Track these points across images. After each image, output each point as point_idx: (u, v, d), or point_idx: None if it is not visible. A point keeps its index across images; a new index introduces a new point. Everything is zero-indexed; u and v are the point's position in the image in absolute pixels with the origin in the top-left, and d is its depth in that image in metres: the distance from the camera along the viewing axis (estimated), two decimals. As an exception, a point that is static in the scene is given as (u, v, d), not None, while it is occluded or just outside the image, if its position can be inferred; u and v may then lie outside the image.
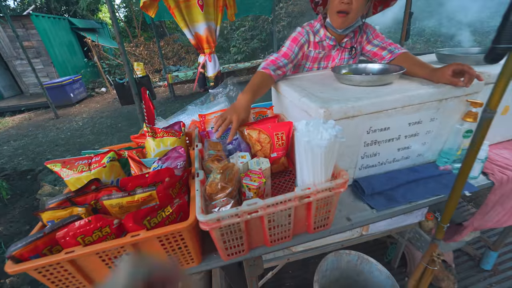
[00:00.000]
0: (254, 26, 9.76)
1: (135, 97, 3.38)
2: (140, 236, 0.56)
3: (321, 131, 0.59)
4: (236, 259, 0.73)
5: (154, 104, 1.77)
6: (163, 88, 8.46)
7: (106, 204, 0.62)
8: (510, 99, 1.04)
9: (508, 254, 1.62)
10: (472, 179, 0.99)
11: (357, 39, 1.22)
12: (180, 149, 0.80)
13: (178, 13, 1.29)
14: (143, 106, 1.75)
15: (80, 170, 0.73)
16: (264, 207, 0.61)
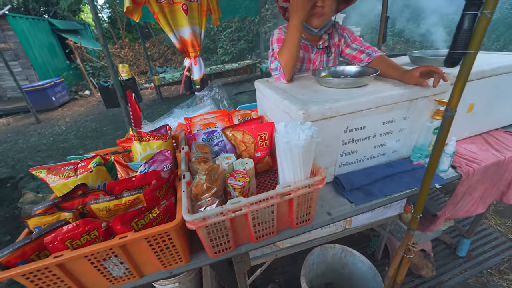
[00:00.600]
0: (241, 27, 9.79)
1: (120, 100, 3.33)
2: (128, 238, 0.58)
3: (298, 132, 0.63)
4: (223, 256, 0.76)
5: (140, 107, 1.77)
6: (149, 90, 8.32)
7: (94, 208, 0.63)
8: (474, 98, 1.13)
9: (479, 241, 1.74)
10: (442, 172, 1.07)
11: (335, 42, 1.28)
12: (167, 152, 0.82)
13: (162, 17, 1.30)
14: (129, 109, 1.75)
15: (66, 175, 0.73)
16: (247, 205, 0.65)
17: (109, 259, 0.61)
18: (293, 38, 1.04)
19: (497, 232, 1.79)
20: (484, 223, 1.87)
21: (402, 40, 6.90)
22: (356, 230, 1.34)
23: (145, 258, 0.67)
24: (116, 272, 0.65)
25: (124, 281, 0.69)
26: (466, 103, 1.14)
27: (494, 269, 1.56)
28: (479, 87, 1.10)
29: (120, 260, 0.63)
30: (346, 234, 1.34)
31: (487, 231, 1.81)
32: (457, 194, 1.13)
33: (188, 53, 1.48)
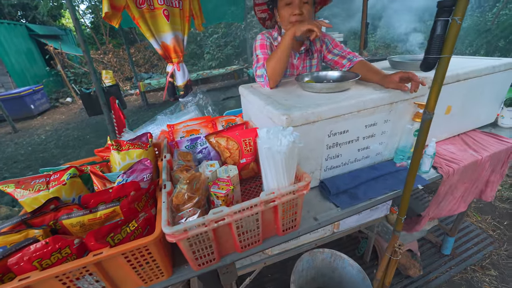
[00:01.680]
0: (228, 33, 9.85)
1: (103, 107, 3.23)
2: (103, 254, 0.55)
3: (280, 138, 0.63)
4: (207, 268, 0.73)
5: (125, 114, 1.72)
6: (135, 96, 8.15)
7: (66, 223, 0.59)
8: (451, 100, 1.18)
9: (462, 238, 1.79)
10: (424, 173, 1.09)
11: (317, 47, 1.31)
12: (146, 161, 0.79)
13: (143, 23, 1.27)
14: (113, 116, 1.69)
15: (37, 189, 0.69)
16: (230, 214, 0.63)
17: (83, 278, 0.57)
18: (283, 51, 1.05)
19: (478, 229, 1.85)
20: (466, 220, 1.94)
21: (384, 45, 7.18)
22: (344, 233, 1.34)
23: (123, 274, 0.63)
24: (92, 291, 0.61)
25: (101, 301, 0.64)
26: (444, 106, 1.18)
27: (477, 265, 1.61)
28: (455, 90, 1.14)
29: (95, 278, 0.59)
30: (335, 238, 1.34)
31: (469, 228, 1.87)
32: (440, 194, 1.16)
33: (170, 58, 1.45)
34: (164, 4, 1.29)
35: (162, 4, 1.29)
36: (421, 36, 6.37)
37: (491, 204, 2.06)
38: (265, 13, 1.26)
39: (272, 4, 1.20)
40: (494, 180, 1.31)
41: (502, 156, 1.25)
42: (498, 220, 1.91)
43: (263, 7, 1.23)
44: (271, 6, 1.23)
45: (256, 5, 1.21)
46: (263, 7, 1.23)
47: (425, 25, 6.87)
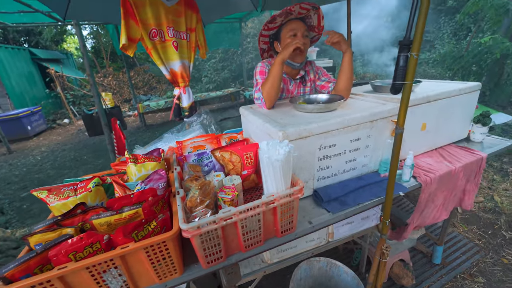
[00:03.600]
0: (225, 58, 10.37)
1: (104, 127, 3.36)
2: (129, 247, 0.64)
3: (278, 149, 0.76)
4: (215, 266, 0.82)
5: (124, 134, 1.84)
6: (132, 117, 8.32)
7: (96, 223, 0.69)
8: (425, 118, 1.35)
9: (451, 248, 1.88)
10: (405, 182, 1.22)
11: (310, 77, 1.51)
12: (161, 171, 0.90)
13: (155, 53, 1.45)
14: (113, 136, 1.80)
15: (66, 196, 0.78)
16: (237, 213, 0.74)
17: (109, 271, 0.66)
18: (275, 71, 1.23)
19: (465, 239, 1.95)
20: (454, 231, 2.04)
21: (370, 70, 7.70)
22: (339, 242, 1.43)
23: (142, 269, 0.71)
24: (114, 285, 0.68)
25: (120, 296, 0.72)
26: (419, 123, 1.35)
27: (466, 273, 1.69)
28: (427, 110, 1.32)
29: (119, 272, 0.67)
30: (330, 247, 1.43)
31: (457, 238, 1.97)
32: (421, 202, 1.29)
33: (178, 83, 1.62)
34: (174, 37, 1.49)
35: (172, 37, 1.48)
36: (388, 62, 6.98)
37: (476, 215, 2.18)
38: (266, 45, 1.47)
39: (274, 37, 1.41)
40: (470, 189, 1.45)
41: (474, 167, 1.40)
42: (483, 230, 2.01)
43: (266, 39, 1.44)
44: (272, 39, 1.43)
45: (261, 36, 1.41)
46: (266, 39, 1.44)
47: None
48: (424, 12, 0.75)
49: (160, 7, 1.40)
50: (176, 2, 1.47)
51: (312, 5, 1.28)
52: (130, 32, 1.32)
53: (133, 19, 1.31)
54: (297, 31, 1.32)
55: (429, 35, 7.80)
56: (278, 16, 1.28)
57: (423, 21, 0.76)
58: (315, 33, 1.46)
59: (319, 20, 1.37)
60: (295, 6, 1.25)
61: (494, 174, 2.66)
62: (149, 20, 1.37)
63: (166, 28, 1.45)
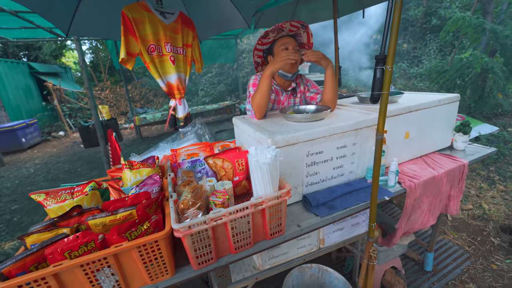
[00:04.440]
0: (221, 72, 10.64)
1: (100, 139, 3.39)
2: (123, 246, 0.67)
3: (265, 153, 0.81)
4: (205, 268, 0.84)
5: (120, 146, 1.88)
6: (128, 130, 8.35)
7: (91, 223, 0.72)
8: (408, 127, 1.43)
9: (442, 255, 1.91)
10: (391, 187, 1.28)
11: (301, 89, 1.60)
12: (156, 176, 0.94)
13: (152, 66, 1.53)
14: (109, 148, 1.84)
15: (63, 199, 0.82)
16: (226, 214, 0.78)
17: (102, 269, 0.68)
18: (263, 84, 1.31)
19: (455, 246, 1.99)
20: (444, 238, 2.08)
21: (362, 83, 7.98)
22: (330, 249, 1.45)
23: (134, 269, 0.74)
24: (107, 284, 0.71)
25: (112, 296, 0.73)
26: (403, 132, 1.43)
27: (457, 280, 1.71)
28: (409, 119, 1.40)
29: (112, 271, 0.70)
30: (321, 254, 1.45)
31: (447, 245, 2.00)
32: (407, 207, 1.34)
33: (174, 95, 1.69)
34: (171, 52, 1.58)
35: (170, 52, 1.57)
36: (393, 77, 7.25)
37: (465, 222, 2.22)
38: (260, 59, 1.56)
39: (267, 52, 1.51)
40: (454, 194, 1.50)
41: (457, 173, 1.46)
42: (473, 237, 2.05)
43: (260, 53, 1.53)
44: (265, 54, 1.53)
45: (255, 50, 1.51)
46: (260, 53, 1.53)
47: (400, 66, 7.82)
48: (395, 30, 0.84)
49: (159, 25, 1.50)
50: (173, 20, 1.58)
51: (301, 23, 1.39)
52: (130, 47, 1.40)
53: (133, 36, 1.40)
54: (289, 45, 1.43)
55: (417, 51, 8.18)
56: (271, 31, 1.38)
57: (395, 38, 0.85)
58: (306, 49, 1.56)
59: (309, 37, 1.47)
60: (286, 23, 1.35)
61: (482, 183, 2.73)
62: (147, 36, 1.46)
63: (164, 43, 1.54)
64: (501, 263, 1.80)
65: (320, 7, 2.49)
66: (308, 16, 2.66)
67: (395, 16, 0.83)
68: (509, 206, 2.33)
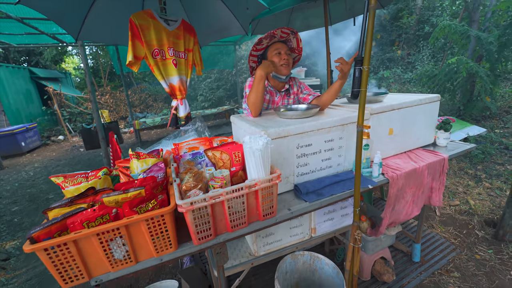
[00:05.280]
0: (220, 78, 10.84)
1: (101, 141, 3.50)
2: (134, 218, 0.77)
3: (258, 141, 0.93)
4: (205, 244, 0.94)
5: (120, 148, 1.97)
6: (128, 134, 8.45)
7: (105, 200, 0.82)
8: (391, 124, 1.55)
9: (430, 247, 2.01)
10: (375, 178, 1.39)
11: (294, 91, 1.73)
12: (161, 163, 1.05)
13: (156, 69, 1.66)
14: (110, 150, 1.94)
15: (79, 181, 0.92)
16: (224, 193, 0.89)
17: (115, 239, 0.78)
18: (257, 85, 1.43)
19: (442, 239, 2.09)
20: (432, 231, 2.18)
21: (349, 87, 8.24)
22: (321, 238, 1.56)
23: (142, 241, 0.84)
24: (118, 254, 0.81)
25: (122, 265, 0.83)
26: (386, 128, 1.55)
27: (443, 269, 1.81)
28: (392, 116, 1.53)
29: (123, 241, 0.80)
30: (313, 243, 1.56)
31: (434, 238, 2.10)
32: (391, 196, 1.45)
33: (176, 96, 1.81)
34: (174, 56, 1.71)
35: (172, 56, 1.70)
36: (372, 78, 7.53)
37: (452, 217, 2.33)
38: (255, 64, 1.70)
39: (262, 57, 1.65)
40: (436, 187, 1.62)
41: (438, 166, 1.58)
42: (459, 230, 2.16)
43: (255, 58, 1.67)
44: (260, 59, 1.66)
45: (251, 55, 1.64)
46: (255, 58, 1.67)
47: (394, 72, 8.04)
48: (370, 35, 0.97)
49: (162, 31, 1.63)
50: (176, 27, 1.71)
51: (291, 30, 1.53)
52: (136, 51, 1.53)
53: (139, 40, 1.53)
54: (281, 50, 1.56)
55: (411, 57, 8.43)
56: (264, 38, 1.52)
57: (370, 43, 0.98)
58: (296, 53, 1.70)
59: (298, 42, 1.61)
60: (277, 30, 1.49)
61: (469, 180, 2.85)
62: (152, 41, 1.59)
63: (167, 48, 1.68)
64: (484, 253, 1.90)
65: (313, 15, 2.65)
66: (302, 23, 2.83)
67: (369, 24, 0.96)
68: (494, 202, 2.45)
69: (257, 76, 1.45)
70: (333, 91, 1.50)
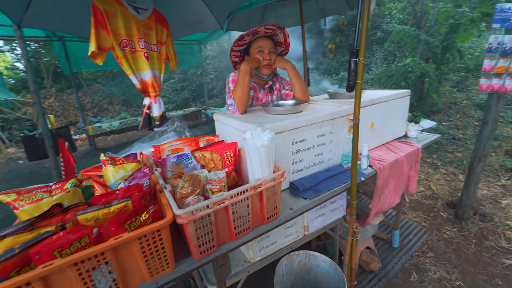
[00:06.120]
0: (184, 78, 10.37)
1: (49, 150, 2.99)
2: (124, 237, 0.62)
3: (261, 136, 0.85)
4: (207, 257, 0.82)
5: (74, 157, 1.69)
6: (79, 141, 7.52)
7: (81, 218, 0.65)
8: (372, 118, 1.61)
9: (405, 232, 2.16)
10: (364, 170, 1.42)
11: (277, 87, 1.68)
12: (145, 169, 0.89)
13: (125, 62, 1.43)
14: (61, 160, 1.65)
15: (39, 197, 0.72)
16: (228, 197, 0.78)
17: (99, 267, 0.62)
18: (243, 80, 1.35)
19: (415, 223, 2.27)
20: (405, 217, 2.35)
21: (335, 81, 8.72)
22: (313, 235, 1.53)
23: (133, 265, 0.68)
24: (103, 285, 0.64)
25: (108, 298, 0.67)
26: (368, 122, 1.60)
27: (419, 251, 1.95)
28: (373, 110, 1.58)
29: (109, 268, 0.64)
30: (306, 240, 1.52)
31: (408, 224, 2.27)
32: (378, 187, 1.49)
33: (148, 93, 1.61)
34: (145, 48, 1.51)
35: (143, 48, 1.50)
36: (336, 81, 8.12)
37: (420, 202, 2.56)
38: (238, 58, 1.60)
39: (244, 52, 1.55)
40: (412, 175, 1.73)
41: (413, 156, 1.70)
42: (427, 214, 2.37)
43: (237, 53, 1.57)
44: (243, 54, 1.57)
45: (232, 51, 1.54)
46: (237, 53, 1.57)
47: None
48: (365, 27, 0.97)
49: (132, 20, 1.42)
50: (147, 16, 1.52)
51: (277, 26, 1.46)
52: (100, 41, 1.30)
53: (104, 29, 1.30)
54: (264, 48, 1.49)
55: (367, 59, 9.20)
56: (246, 35, 1.43)
57: (365, 34, 0.98)
58: (283, 48, 1.65)
59: (285, 37, 1.55)
60: (261, 27, 1.42)
61: (429, 168, 3.19)
62: (120, 30, 1.38)
63: (137, 39, 1.47)
64: (450, 232, 2.11)
65: (286, 14, 2.66)
66: (275, 21, 2.81)
67: (364, 16, 0.95)
68: (451, 185, 2.76)
69: (242, 70, 1.37)
70: (296, 81, 1.54)
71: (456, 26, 3.61)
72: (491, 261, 1.80)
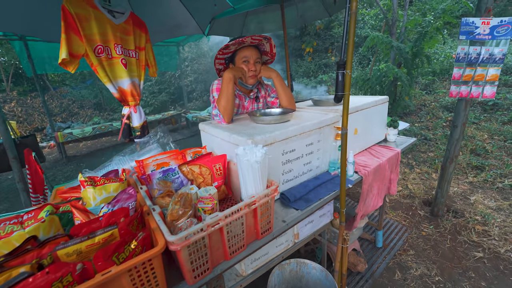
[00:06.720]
0: (161, 81, 10.04)
1: (12, 162, 2.74)
2: (112, 272, 0.56)
3: (255, 152, 0.83)
4: (201, 280, 0.78)
5: (42, 168, 1.55)
6: (47, 149, 6.97)
7: (61, 253, 0.58)
8: (356, 124, 1.66)
9: (387, 232, 2.26)
10: (350, 177, 1.46)
11: (262, 94, 1.68)
12: (130, 190, 0.83)
13: (101, 70, 1.33)
14: (27, 172, 1.50)
15: (8, 231, 0.63)
16: (223, 218, 0.75)
17: (83, 308, 0.56)
18: (227, 88, 1.32)
19: (396, 222, 2.38)
20: (386, 217, 2.46)
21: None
22: (303, 242, 1.54)
23: (122, 300, 0.63)
24: (88, 326, 0.58)
25: None
26: (352, 128, 1.65)
27: (401, 250, 2.05)
28: (357, 117, 1.63)
29: (95, 307, 0.58)
30: (296, 248, 1.52)
31: (390, 223, 2.37)
32: (363, 192, 1.54)
33: (127, 102, 1.51)
34: (122, 54, 1.42)
35: (120, 54, 1.41)
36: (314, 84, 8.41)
37: (398, 201, 2.69)
38: (222, 66, 1.56)
39: (229, 60, 1.52)
40: (393, 178, 1.82)
41: (394, 159, 1.78)
42: (406, 212, 2.50)
43: (221, 61, 1.53)
44: (227, 61, 1.54)
45: (216, 58, 1.50)
46: (221, 61, 1.53)
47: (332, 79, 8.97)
48: (351, 39, 0.99)
49: (107, 24, 1.33)
50: (124, 21, 1.43)
51: (263, 37, 1.45)
52: (72, 48, 1.19)
53: (76, 34, 1.19)
54: (250, 58, 1.47)
55: (342, 63, 9.57)
56: (231, 44, 1.40)
57: (352, 47, 1.00)
58: (268, 57, 1.64)
59: (271, 48, 1.55)
60: (247, 38, 1.39)
61: (405, 168, 3.38)
62: (94, 36, 1.27)
63: (114, 45, 1.37)
64: (427, 229, 2.25)
65: (267, 20, 2.67)
66: (256, 27, 2.82)
67: (351, 28, 0.98)
68: (425, 184, 2.95)
69: (225, 78, 1.34)
70: (282, 90, 1.55)
71: (424, 33, 3.88)
72: (464, 255, 1.94)
